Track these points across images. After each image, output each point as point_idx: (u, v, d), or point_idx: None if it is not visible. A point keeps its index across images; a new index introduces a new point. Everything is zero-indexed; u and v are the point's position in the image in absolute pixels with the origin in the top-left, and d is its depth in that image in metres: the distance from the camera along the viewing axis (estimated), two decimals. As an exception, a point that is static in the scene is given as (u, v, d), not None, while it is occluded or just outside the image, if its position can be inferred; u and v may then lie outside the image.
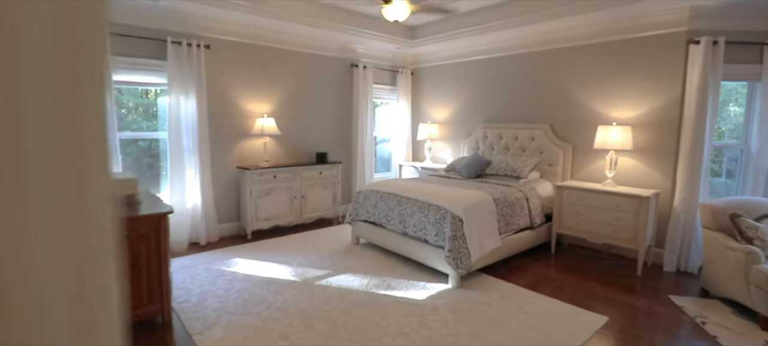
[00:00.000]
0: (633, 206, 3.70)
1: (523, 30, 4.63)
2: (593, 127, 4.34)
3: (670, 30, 3.78)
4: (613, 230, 3.84)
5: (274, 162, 4.97)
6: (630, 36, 4.04)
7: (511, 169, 4.49)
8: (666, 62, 3.84)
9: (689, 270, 3.79)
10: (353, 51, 5.63)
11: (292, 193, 4.87)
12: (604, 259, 4.13)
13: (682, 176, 3.74)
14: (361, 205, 4.26)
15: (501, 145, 5.18)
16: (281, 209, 4.79)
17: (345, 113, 5.72)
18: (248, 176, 4.47)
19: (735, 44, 3.58)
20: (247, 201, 4.51)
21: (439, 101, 6.09)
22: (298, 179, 4.90)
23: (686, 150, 3.70)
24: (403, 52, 6.05)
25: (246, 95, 4.72)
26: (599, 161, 4.35)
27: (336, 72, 5.55)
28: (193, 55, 4.16)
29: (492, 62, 5.31)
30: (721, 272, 3.12)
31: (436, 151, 6.13)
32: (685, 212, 3.74)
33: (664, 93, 3.88)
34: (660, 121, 3.92)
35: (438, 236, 3.38)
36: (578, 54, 4.45)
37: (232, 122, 4.65)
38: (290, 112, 5.14)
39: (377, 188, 4.14)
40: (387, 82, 6.19)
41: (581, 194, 4.04)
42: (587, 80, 4.40)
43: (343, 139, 5.75)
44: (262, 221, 4.64)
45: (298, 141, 5.26)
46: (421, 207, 3.57)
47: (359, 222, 4.32)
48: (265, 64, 4.83)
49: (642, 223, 3.65)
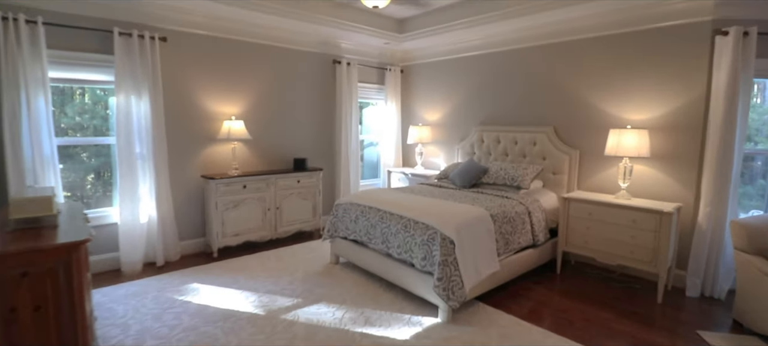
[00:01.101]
0: (653, 223, 3.19)
1: (523, 21, 4.12)
2: (603, 131, 3.84)
3: (693, 19, 3.29)
4: (630, 249, 3.33)
5: (244, 170, 4.44)
6: (645, 27, 3.54)
7: (510, 178, 3.98)
8: (688, 56, 3.34)
9: (716, 296, 3.30)
10: (336, 46, 5.11)
11: (266, 204, 4.33)
12: (617, 281, 3.62)
13: (708, 187, 3.24)
14: (340, 219, 3.74)
15: (499, 151, 4.67)
16: (252, 223, 4.25)
17: (327, 115, 5.20)
18: (213, 186, 3.94)
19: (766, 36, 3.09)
20: (213, 215, 3.97)
21: (431, 102, 5.57)
22: (273, 189, 4.37)
23: (712, 157, 3.20)
24: (392, 48, 5.54)
25: (211, 95, 4.18)
26: (610, 169, 3.85)
27: (317, 69, 5.02)
28: (145, 49, 3.62)
29: (489, 58, 4.80)
30: (761, 305, 2.62)
31: (428, 156, 5.62)
32: (712, 228, 3.24)
33: (685, 92, 3.38)
34: (681, 124, 3.42)
35: (425, 260, 2.86)
36: (586, 48, 3.95)
37: (195, 126, 4.11)
38: (263, 113, 4.60)
39: (358, 201, 3.62)
40: (374, 80, 5.67)
41: (591, 208, 3.53)
42: (596, 78, 3.90)
43: (325, 144, 5.22)
44: (231, 237, 4.11)
45: (272, 146, 4.73)
46: (406, 225, 3.05)
47: (339, 239, 3.80)
48: (233, 60, 4.30)
49: (663, 243, 3.15)
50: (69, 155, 3.68)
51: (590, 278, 3.70)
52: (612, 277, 3.70)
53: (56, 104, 3.58)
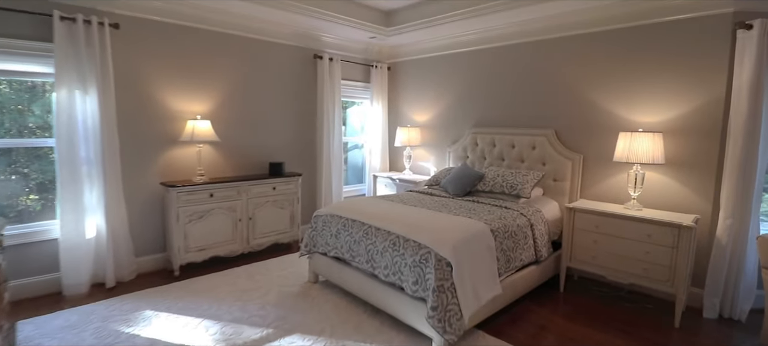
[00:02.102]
0: (670, 238, 2.86)
1: (521, 13, 3.76)
2: (610, 134, 3.51)
3: (711, 11, 2.97)
4: (643, 267, 2.99)
5: (211, 176, 3.96)
6: (658, 20, 3.21)
7: (509, 186, 3.61)
8: (705, 53, 3.03)
9: (735, 317, 2.98)
10: (317, 39, 4.66)
11: (236, 214, 3.86)
12: (626, 299, 3.28)
13: (729, 197, 2.92)
14: (319, 233, 3.30)
15: (494, 155, 4.30)
16: (221, 236, 3.77)
17: (307, 115, 4.75)
18: (175, 195, 3.45)
19: (797, 29, 2.79)
20: (174, 227, 3.48)
21: (420, 101, 5.18)
22: (245, 197, 3.90)
23: (734, 164, 2.88)
24: (378, 43, 5.12)
25: (172, 91, 3.69)
26: (617, 176, 3.51)
27: (295, 64, 4.57)
28: (93, 37, 3.11)
29: (484, 54, 4.43)
30: (800, 334, 2.30)
31: (416, 160, 5.22)
32: (733, 243, 2.93)
33: (702, 92, 3.06)
34: (697, 127, 3.10)
35: (417, 285, 2.45)
36: (590, 43, 3.61)
37: (153, 126, 3.61)
38: (234, 113, 4.13)
39: (339, 212, 3.18)
40: (359, 78, 5.24)
41: (600, 219, 3.18)
42: (602, 76, 3.56)
43: (304, 147, 4.77)
44: (195, 252, 3.62)
45: (244, 149, 4.25)
46: (395, 243, 2.63)
47: (318, 255, 3.36)
48: (199, 52, 3.81)
49: (682, 260, 2.81)
50: (7, 161, 3.15)
51: (596, 295, 3.35)
52: (620, 295, 3.36)
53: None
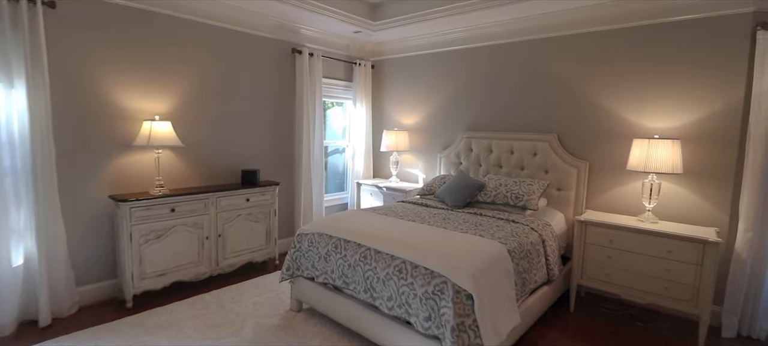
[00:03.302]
0: (693, 254, 2.63)
1: (520, 9, 3.47)
2: (618, 140, 3.28)
3: (730, 11, 2.78)
4: (663, 286, 2.75)
5: (173, 187, 3.39)
6: (671, 19, 3.01)
7: (514, 197, 3.30)
8: (723, 55, 2.84)
9: (755, 336, 2.81)
10: (295, 32, 4.18)
11: (203, 231, 3.31)
12: (639, 319, 3.05)
13: (748, 208, 2.73)
14: (304, 255, 2.84)
15: (491, 161, 3.99)
16: (185, 257, 3.22)
17: (284, 116, 4.25)
18: (127, 211, 2.87)
19: (818, 32, 2.64)
20: (127, 249, 2.90)
21: (407, 103, 4.80)
22: (213, 211, 3.36)
23: (754, 174, 2.70)
24: (362, 39, 4.70)
25: (124, 87, 3.09)
26: (625, 185, 3.29)
27: (272, 59, 4.06)
28: (20, 17, 2.50)
29: (479, 53, 4.11)
30: None
31: (404, 166, 4.84)
32: (753, 257, 2.75)
33: (719, 97, 2.88)
34: (713, 134, 2.91)
35: (430, 320, 2.06)
36: (597, 42, 3.37)
37: (100, 127, 3.00)
38: (200, 113, 3.57)
39: (329, 231, 2.74)
40: (341, 76, 4.80)
41: (614, 234, 2.93)
42: (609, 78, 3.33)
43: (281, 152, 4.26)
44: (153, 278, 3.05)
45: (212, 155, 3.70)
46: (401, 270, 2.23)
47: (302, 279, 2.90)
48: (158, 41, 3.24)
49: (707, 278, 2.59)
50: None
51: (607, 315, 3.10)
52: (631, 313, 3.13)
53: None
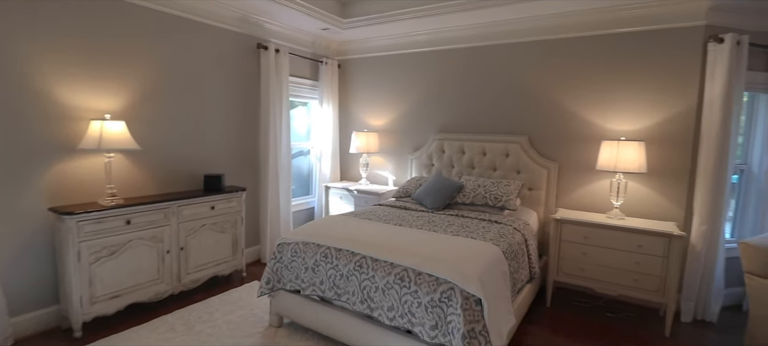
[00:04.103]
0: (661, 248, 2.84)
1: (493, 13, 3.54)
2: (585, 142, 3.46)
3: (685, 23, 3.04)
4: (634, 278, 2.94)
5: (127, 196, 2.99)
6: (632, 29, 3.23)
7: (493, 197, 3.34)
8: (679, 63, 3.10)
9: (708, 319, 3.10)
10: (260, 26, 3.90)
11: (164, 245, 2.96)
12: (609, 310, 3.23)
13: (702, 204, 3.01)
14: (287, 266, 2.63)
15: (463, 163, 4.02)
16: (143, 275, 2.84)
17: (249, 116, 3.94)
18: (73, 226, 2.46)
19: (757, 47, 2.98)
20: (73, 270, 2.48)
21: (375, 104, 4.71)
22: (175, 221, 3.01)
23: (707, 172, 2.98)
24: (328, 37, 4.52)
25: (67, 81, 2.66)
26: (591, 185, 3.48)
27: (236, 54, 3.75)
28: (-71, -9, 2.03)
29: (451, 55, 4.13)
30: (792, 338, 2.37)
31: (373, 168, 4.74)
32: (706, 248, 3.03)
33: (675, 101, 3.14)
34: (671, 136, 3.17)
35: (437, 329, 1.99)
36: (565, 49, 3.53)
37: (37, 128, 2.55)
38: (156, 111, 3.19)
39: (316, 239, 2.56)
40: (307, 74, 4.57)
41: (588, 231, 3.07)
42: (576, 82, 3.50)
43: (246, 154, 3.96)
44: (106, 301, 2.65)
45: (172, 159, 3.33)
46: (403, 277, 2.13)
47: (284, 292, 2.69)
48: (106, 30, 2.83)
49: (673, 269, 2.80)
50: None
51: (580, 308, 3.25)
52: (600, 305, 3.31)
53: None
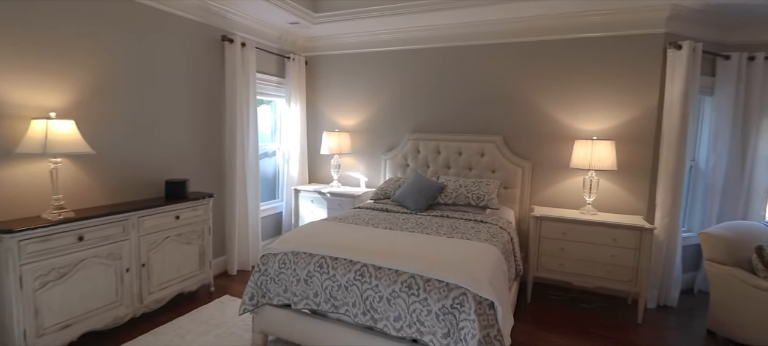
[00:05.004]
0: (633, 240, 3.02)
1: (465, 14, 3.56)
2: (557, 141, 3.60)
3: (646, 30, 3.27)
4: (609, 270, 3.10)
5: (78, 207, 2.58)
6: (599, 34, 3.40)
7: (475, 197, 3.35)
8: (641, 68, 3.32)
9: (669, 304, 3.36)
10: (223, 17, 3.58)
11: (123, 262, 2.59)
12: (583, 301, 3.39)
13: (664, 198, 3.26)
14: (273, 279, 2.42)
15: (439, 163, 4.01)
16: (99, 298, 2.46)
17: (213, 114, 3.60)
18: (14, 246, 2.05)
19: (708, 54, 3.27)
20: (14, 298, 2.07)
21: (346, 103, 4.55)
22: (135, 234, 2.65)
23: (668, 169, 3.23)
24: (295, 32, 4.29)
25: (3, 73, 2.22)
26: (565, 182, 3.62)
27: (199, 47, 3.40)
28: None
29: (426, 54, 4.09)
30: (748, 316, 2.62)
31: (344, 170, 4.58)
32: (667, 239, 3.28)
33: (639, 103, 3.36)
34: (634, 135, 3.39)
35: (449, 336, 1.92)
36: (537, 51, 3.64)
37: (-38, 129, 2.10)
38: (108, 109, 2.79)
39: (308, 248, 2.38)
40: (273, 71, 4.30)
41: (567, 227, 3.19)
42: (547, 83, 3.63)
43: (210, 156, 3.61)
44: (55, 332, 2.25)
45: (127, 164, 2.93)
46: (411, 285, 2.04)
47: (269, 307, 2.47)
48: (48, 17, 2.41)
49: (644, 260, 2.99)
50: None
51: (557, 301, 3.37)
52: (575, 297, 3.46)
53: None
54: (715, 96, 3.48)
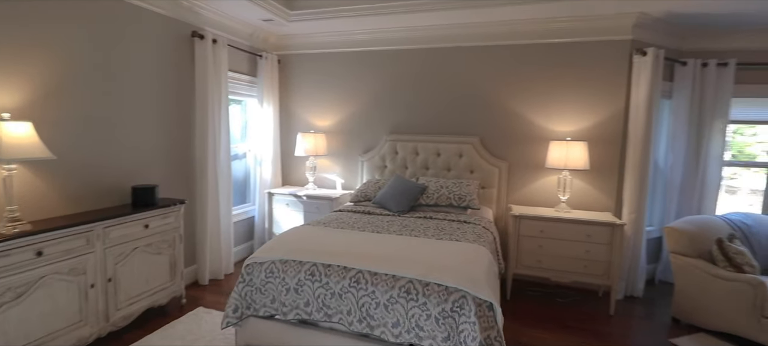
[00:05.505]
0: (606, 236, 3.17)
1: (444, 16, 3.58)
2: (531, 142, 3.72)
3: (614, 37, 3.44)
4: (584, 265, 3.24)
5: (35, 218, 2.31)
6: (570, 40, 3.55)
7: (457, 198, 3.38)
8: (610, 72, 3.49)
9: (635, 294, 3.57)
10: (193, 11, 3.36)
11: (87, 278, 2.35)
12: (557, 296, 3.52)
13: (631, 195, 3.46)
14: (259, 289, 2.30)
15: (418, 164, 4.01)
16: (60, 318, 2.23)
17: (183, 115, 3.38)
18: (-43, 265, 1.80)
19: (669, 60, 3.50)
20: (-43, 326, 1.82)
21: (320, 104, 4.43)
22: (99, 247, 2.42)
23: (634, 168, 3.43)
24: (267, 29, 4.12)
25: (-61, 66, 1.94)
26: (539, 181, 3.75)
27: (166, 43, 3.17)
28: None
29: (404, 55, 4.07)
30: (710, 303, 2.84)
31: (320, 172, 4.46)
32: (634, 233, 3.48)
33: (608, 106, 3.53)
34: (604, 136, 3.56)
35: (449, 340, 1.92)
36: (512, 55, 3.73)
37: None
38: (69, 109, 2.53)
39: (297, 255, 2.28)
40: (244, 69, 4.11)
41: (544, 225, 3.30)
42: (522, 86, 3.73)
43: (179, 159, 3.38)
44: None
45: (91, 169, 2.67)
46: (409, 290, 2.01)
47: (253, 318, 2.34)
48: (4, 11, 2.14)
49: (616, 254, 3.16)
50: None
51: (534, 297, 3.47)
52: (550, 292, 3.59)
53: None
54: (673, 99, 3.73)
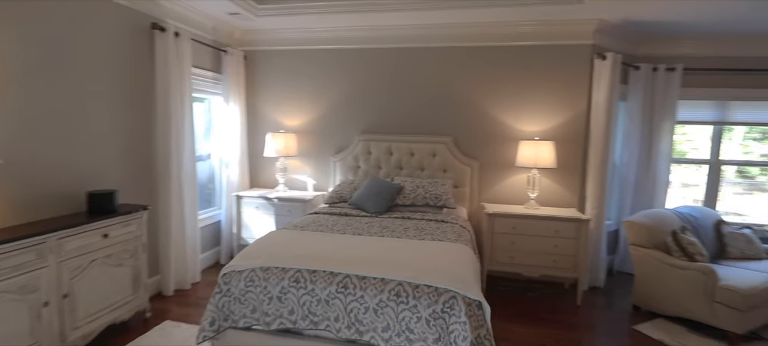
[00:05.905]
0: (572, 231, 3.34)
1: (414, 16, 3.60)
2: (501, 141, 3.84)
3: (576, 41, 3.62)
4: (553, 259, 3.39)
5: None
6: (536, 43, 3.69)
7: (433, 197, 3.41)
8: (573, 75, 3.67)
9: (597, 285, 3.78)
10: (152, 1, 3.12)
11: (40, 295, 2.11)
12: (528, 290, 3.66)
13: (593, 192, 3.66)
14: (238, 299, 2.18)
15: (391, 164, 4.00)
16: (10, 341, 1.98)
17: (143, 113, 3.13)
18: None
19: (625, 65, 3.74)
20: None
21: (290, 102, 4.29)
22: (53, 260, 2.19)
23: (595, 165, 3.63)
24: (232, 23, 3.92)
25: None
26: (507, 180, 3.87)
27: (123, 36, 2.91)
28: None
29: (375, 54, 4.03)
30: (667, 291, 3.07)
31: (291, 173, 4.32)
32: (596, 228, 3.69)
33: (571, 107, 3.71)
34: (568, 136, 3.74)
35: (440, 341, 1.92)
36: (482, 56, 3.81)
37: None
38: (18, 109, 2.25)
39: (280, 262, 2.19)
40: (208, 65, 3.88)
41: (516, 222, 3.41)
42: (491, 87, 3.83)
43: (140, 161, 3.13)
44: (-54, 395, 1.76)
45: (39, 173, 2.40)
46: (399, 293, 1.99)
47: (232, 330, 2.22)
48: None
49: (582, 248, 3.33)
50: None
51: (506, 292, 3.59)
52: (520, 287, 3.72)
53: None
54: (628, 101, 3.99)
